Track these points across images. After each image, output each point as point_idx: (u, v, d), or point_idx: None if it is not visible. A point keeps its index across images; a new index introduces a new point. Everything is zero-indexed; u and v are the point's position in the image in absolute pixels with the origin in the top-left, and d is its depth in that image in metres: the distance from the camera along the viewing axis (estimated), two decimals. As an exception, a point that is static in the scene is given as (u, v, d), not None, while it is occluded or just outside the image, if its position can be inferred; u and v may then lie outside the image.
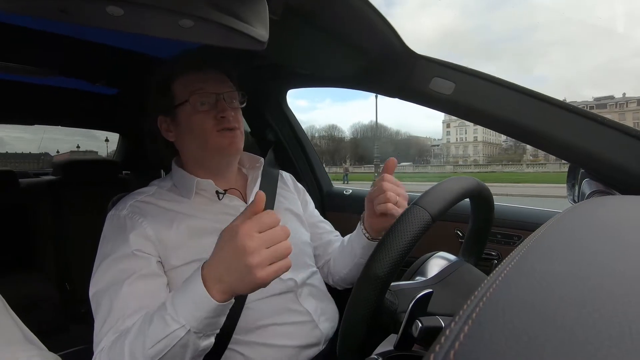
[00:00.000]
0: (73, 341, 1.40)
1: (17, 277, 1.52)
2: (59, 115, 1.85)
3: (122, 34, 0.80)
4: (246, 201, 0.85)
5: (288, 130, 1.53)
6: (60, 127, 2.05)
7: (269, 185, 0.92)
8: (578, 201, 0.79)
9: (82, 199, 1.74)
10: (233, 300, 0.57)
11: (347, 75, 0.99)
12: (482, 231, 0.69)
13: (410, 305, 0.50)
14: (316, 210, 1.06)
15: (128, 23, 0.46)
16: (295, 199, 0.99)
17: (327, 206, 1.53)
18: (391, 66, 0.81)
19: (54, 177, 1.83)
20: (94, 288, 0.68)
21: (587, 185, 0.75)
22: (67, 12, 0.42)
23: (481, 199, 0.63)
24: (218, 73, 0.82)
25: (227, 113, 0.77)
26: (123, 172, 2.04)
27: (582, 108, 0.72)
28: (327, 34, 0.72)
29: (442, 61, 0.78)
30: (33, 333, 0.58)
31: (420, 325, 0.49)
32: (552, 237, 0.34)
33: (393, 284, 0.57)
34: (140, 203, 0.76)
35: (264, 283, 0.54)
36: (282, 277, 0.63)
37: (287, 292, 0.79)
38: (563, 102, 0.71)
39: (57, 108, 1.74)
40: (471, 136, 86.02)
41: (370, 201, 0.81)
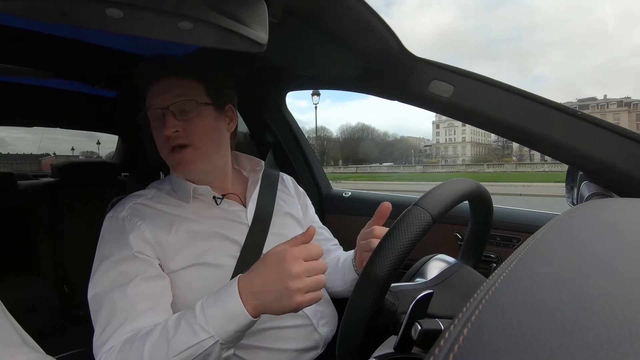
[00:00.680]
0: (71, 344, 1.39)
1: (15, 280, 1.51)
2: (58, 117, 1.85)
3: (122, 36, 0.81)
4: (245, 205, 0.84)
5: (287, 132, 1.53)
6: (61, 128, 2.05)
7: (269, 188, 0.91)
8: (577, 203, 0.79)
9: (81, 201, 1.74)
10: (261, 316, 0.59)
11: (346, 77, 0.99)
12: (482, 234, 0.69)
13: (410, 306, 0.50)
14: (316, 215, 1.05)
15: (127, 25, 0.46)
16: (295, 203, 0.98)
17: (326, 208, 1.53)
18: (390, 69, 0.81)
19: (53, 179, 1.83)
20: (94, 290, 0.67)
21: (586, 187, 0.76)
22: (67, 15, 0.42)
23: (480, 202, 0.63)
24: (174, 80, 0.74)
25: (167, 130, 0.72)
26: (122, 174, 2.04)
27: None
28: (326, 37, 0.72)
29: (441, 64, 0.78)
30: (31, 336, 0.57)
31: (419, 328, 0.48)
32: (551, 240, 0.34)
33: (393, 285, 0.57)
34: (139, 205, 0.76)
35: (298, 308, 0.57)
36: None
37: None
38: (561, 105, 0.71)
39: (56, 110, 1.74)
40: (460, 137, 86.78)
41: (362, 239, 0.79)
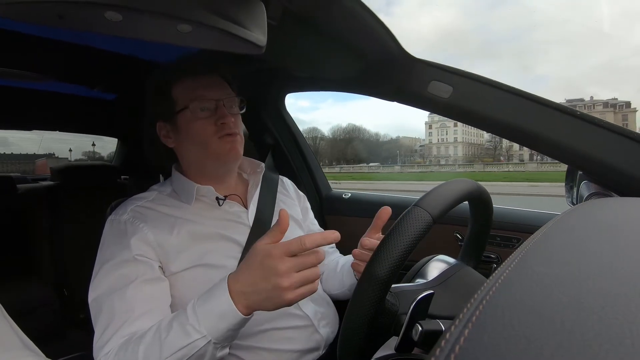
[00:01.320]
0: (71, 347, 1.39)
1: (15, 283, 1.52)
2: (57, 120, 1.85)
3: (121, 39, 0.81)
4: (246, 207, 0.85)
5: (286, 134, 1.53)
6: (61, 131, 2.05)
7: (270, 190, 0.92)
8: (576, 203, 0.79)
9: (81, 204, 1.74)
10: (254, 314, 0.59)
11: (345, 79, 0.99)
12: (482, 234, 0.69)
13: (411, 306, 0.50)
14: (315, 219, 1.06)
15: (126, 28, 0.46)
16: (295, 205, 0.98)
17: (326, 210, 1.53)
18: (389, 70, 0.81)
19: (52, 182, 1.83)
20: (94, 293, 0.67)
21: (586, 187, 0.76)
22: (65, 18, 0.42)
23: (480, 202, 0.63)
24: (217, 78, 0.81)
25: (227, 119, 0.77)
26: (122, 177, 2.04)
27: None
28: (325, 38, 0.72)
29: (440, 65, 0.79)
30: (31, 339, 0.57)
31: (420, 328, 0.48)
32: (552, 240, 0.34)
33: (394, 286, 0.57)
34: (140, 208, 0.76)
35: (291, 304, 0.56)
36: None
37: None
38: (560, 105, 0.71)
39: (56, 113, 1.74)
40: (452, 137, 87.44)
41: (362, 247, 0.77)
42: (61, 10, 0.41)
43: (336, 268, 0.93)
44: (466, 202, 0.60)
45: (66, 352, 1.36)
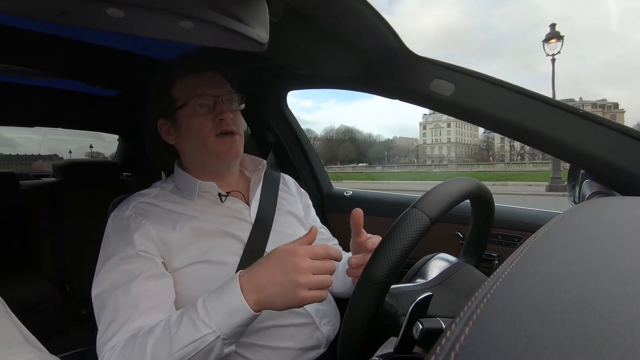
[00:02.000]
0: (73, 343, 1.40)
1: (17, 279, 1.52)
2: (59, 117, 1.85)
3: (122, 36, 0.81)
4: (248, 204, 0.85)
5: (288, 131, 1.53)
6: (62, 128, 2.06)
7: (272, 187, 0.92)
8: (579, 202, 0.79)
9: (83, 201, 1.74)
10: (262, 311, 0.60)
11: (347, 76, 0.99)
12: (483, 232, 0.69)
13: (409, 308, 0.50)
14: (317, 216, 1.06)
15: (128, 25, 0.46)
16: (297, 202, 0.99)
17: (327, 208, 1.53)
18: (391, 67, 0.81)
19: (55, 179, 1.83)
20: (98, 288, 0.68)
21: (588, 186, 0.75)
22: (67, 14, 0.42)
23: (481, 200, 0.63)
24: (217, 75, 0.82)
25: (225, 115, 0.77)
26: (123, 174, 2.04)
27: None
28: (327, 36, 0.72)
29: (442, 62, 0.78)
30: (34, 335, 0.58)
31: (421, 326, 0.48)
32: (553, 239, 0.34)
33: (393, 287, 0.57)
34: (143, 204, 0.77)
35: (301, 304, 0.58)
36: None
37: None
38: (563, 103, 0.71)
39: (57, 110, 1.74)
40: (445, 137, 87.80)
41: (351, 267, 0.76)
42: (63, 6, 0.41)
43: (337, 266, 0.92)
44: (467, 200, 0.60)
45: (68, 348, 1.37)
